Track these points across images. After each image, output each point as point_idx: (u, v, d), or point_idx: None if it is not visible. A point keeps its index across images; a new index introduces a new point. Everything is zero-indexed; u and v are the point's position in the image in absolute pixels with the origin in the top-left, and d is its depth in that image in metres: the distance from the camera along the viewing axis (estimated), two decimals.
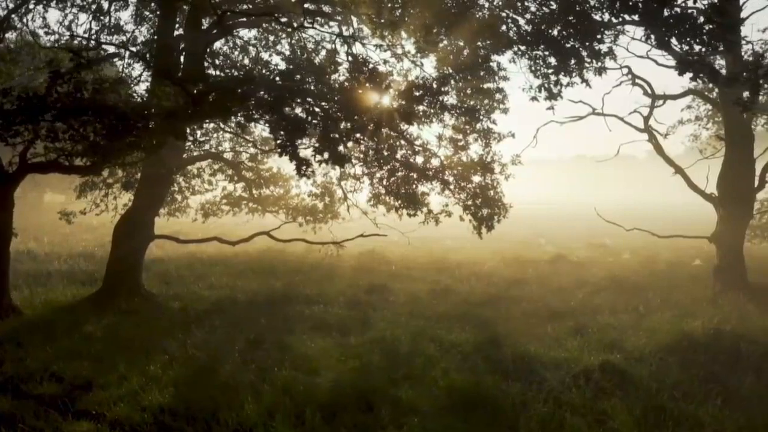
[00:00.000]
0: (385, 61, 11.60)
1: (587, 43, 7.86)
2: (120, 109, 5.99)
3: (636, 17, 6.98)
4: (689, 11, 6.61)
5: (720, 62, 14.35)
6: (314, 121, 6.63)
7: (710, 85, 13.34)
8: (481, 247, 20.85)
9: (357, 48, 13.88)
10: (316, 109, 6.98)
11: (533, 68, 8.98)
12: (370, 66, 13.18)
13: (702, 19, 6.64)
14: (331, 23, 14.46)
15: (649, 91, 13.71)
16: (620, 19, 7.05)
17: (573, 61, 7.97)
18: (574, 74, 8.22)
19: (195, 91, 5.55)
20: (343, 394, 6.16)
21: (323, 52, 14.89)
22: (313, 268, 16.25)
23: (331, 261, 17.24)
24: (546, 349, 7.85)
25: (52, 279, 13.34)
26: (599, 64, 8.10)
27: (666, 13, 6.60)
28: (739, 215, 12.34)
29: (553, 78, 8.58)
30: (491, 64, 12.12)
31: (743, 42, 13.56)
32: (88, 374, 6.96)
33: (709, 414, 5.55)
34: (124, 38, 13.62)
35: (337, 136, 6.78)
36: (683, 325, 8.09)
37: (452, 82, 12.07)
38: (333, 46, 14.58)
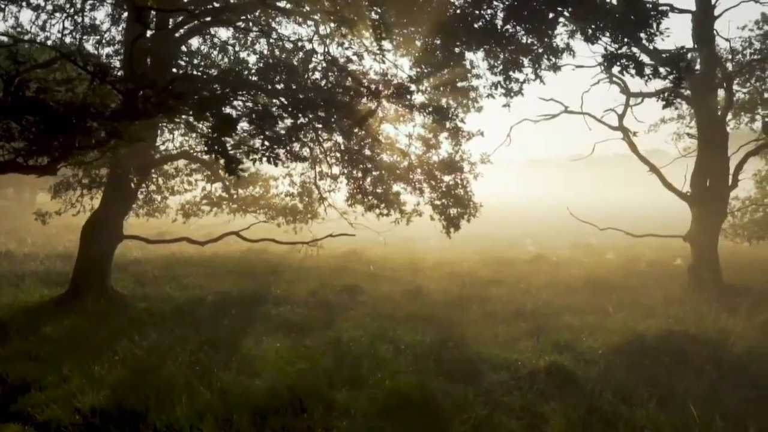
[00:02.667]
0: (355, 58, 11.50)
1: (543, 39, 7.75)
2: (54, 108, 5.93)
3: (569, 10, 6.87)
4: (607, 4, 6.49)
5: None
6: (254, 118, 6.56)
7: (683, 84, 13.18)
8: (465, 247, 20.79)
9: (339, 49, 13.88)
10: (258, 107, 6.92)
11: (489, 65, 8.88)
12: (340, 64, 13.20)
13: (622, 11, 6.52)
14: (309, 22, 14.45)
15: (627, 89, 13.60)
16: (555, 13, 6.95)
17: (527, 58, 7.85)
18: (526, 70, 8.09)
19: (125, 90, 5.49)
20: (280, 397, 6.09)
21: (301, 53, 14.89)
22: (290, 268, 16.20)
23: (310, 261, 17.20)
24: (499, 351, 7.75)
25: (26, 280, 13.33)
26: (554, 60, 7.99)
27: (592, 6, 6.49)
28: (713, 214, 12.20)
29: (504, 75, 8.45)
30: (464, 62, 12.06)
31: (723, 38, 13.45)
32: (31, 376, 6.91)
33: (644, 417, 5.44)
34: (98, 38, 13.62)
35: (277, 134, 6.72)
36: (638, 327, 7.97)
37: (424, 80, 12.04)
38: (311, 45, 14.57)
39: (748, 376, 6.29)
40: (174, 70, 12.83)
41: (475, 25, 7.51)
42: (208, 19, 11.34)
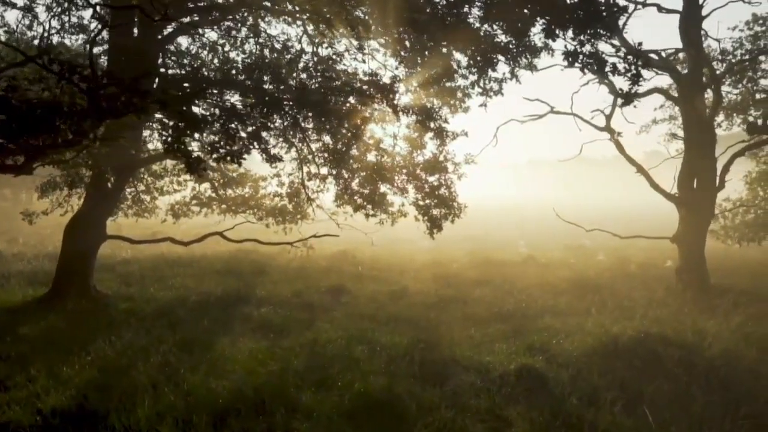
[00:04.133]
0: (336, 57, 11.46)
1: (521, 38, 7.67)
2: (17, 107, 5.88)
3: (536, 8, 6.78)
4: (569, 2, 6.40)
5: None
6: (218, 117, 6.50)
7: (673, 84, 13.12)
8: (457, 248, 20.72)
9: (328, 49, 13.85)
10: (228, 104, 6.85)
11: (467, 63, 8.78)
12: (327, 64, 13.15)
13: (577, 7, 6.42)
14: (298, 23, 14.42)
15: (615, 90, 13.50)
16: (526, 11, 6.86)
17: (503, 57, 7.77)
18: (502, 69, 8.00)
19: (87, 88, 5.44)
20: (244, 398, 6.03)
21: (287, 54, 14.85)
22: (278, 269, 16.16)
23: (299, 262, 17.17)
24: (473, 353, 7.68)
25: (11, 280, 13.30)
26: (531, 59, 7.90)
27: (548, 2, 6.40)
28: (700, 216, 12.08)
29: (480, 74, 8.37)
30: (451, 61, 12.00)
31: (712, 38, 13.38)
32: (0, 376, 6.87)
33: (609, 421, 5.36)
34: (86, 37, 13.60)
35: (250, 134, 6.65)
36: (614, 329, 7.88)
37: (411, 80, 11.99)
38: (300, 45, 14.54)
39: (719, 379, 6.20)
40: (163, 70, 12.85)
41: (447, 22, 7.42)
42: (188, 19, 11.28)
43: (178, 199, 17.56)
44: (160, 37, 11.84)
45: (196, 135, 6.52)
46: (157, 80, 11.64)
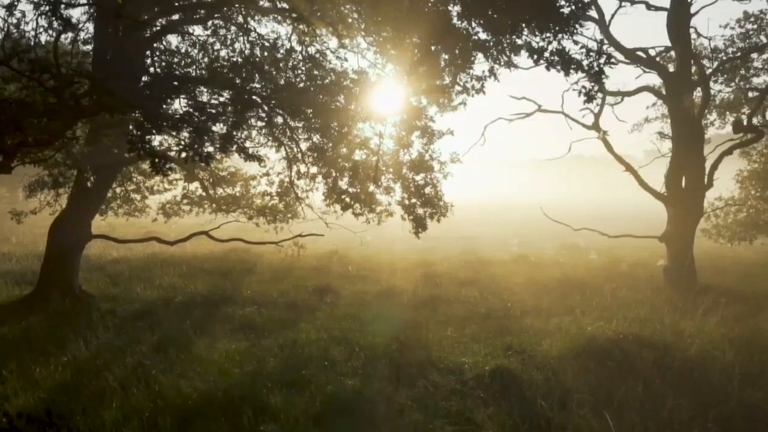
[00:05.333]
0: (319, 56, 11.40)
1: (501, 36, 7.59)
2: None
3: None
4: None
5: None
6: (193, 117, 6.45)
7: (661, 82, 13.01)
8: (451, 248, 20.65)
9: (314, 47, 13.80)
10: (204, 99, 6.79)
11: (445, 61, 8.70)
12: (315, 62, 13.08)
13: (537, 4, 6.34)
14: (287, 21, 14.35)
15: (603, 88, 13.39)
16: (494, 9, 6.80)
17: (481, 55, 7.70)
18: (481, 67, 7.95)
19: (51, 87, 5.39)
20: (213, 400, 5.98)
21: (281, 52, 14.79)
22: (269, 268, 16.12)
23: (290, 262, 17.11)
24: (451, 354, 7.62)
25: None
26: (510, 57, 7.80)
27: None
28: (688, 215, 11.99)
29: (458, 71, 8.29)
30: (440, 61, 11.93)
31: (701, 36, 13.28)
32: None
33: (576, 424, 5.30)
34: (73, 36, 13.53)
35: (227, 132, 6.60)
36: (595, 330, 7.80)
37: (400, 78, 11.93)
38: (290, 44, 14.48)
39: (692, 381, 6.12)
40: (151, 69, 12.79)
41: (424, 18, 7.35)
42: (176, 17, 11.22)
43: (169, 198, 17.55)
44: (148, 35, 11.76)
45: (175, 134, 6.47)
46: (145, 78, 11.62)
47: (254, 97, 10.55)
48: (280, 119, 10.94)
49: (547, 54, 6.63)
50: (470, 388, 6.38)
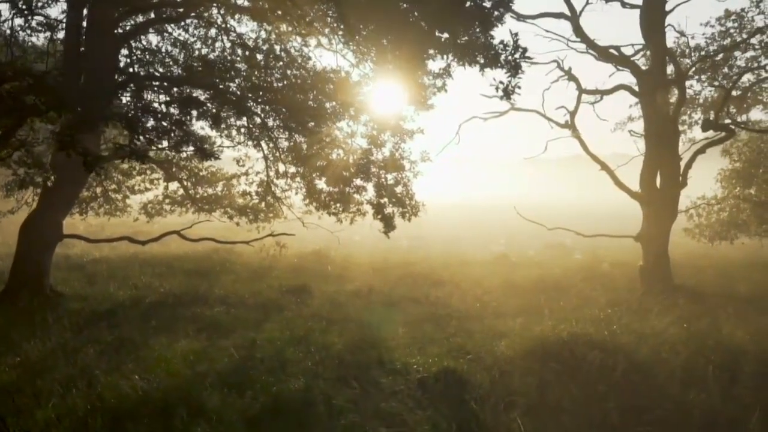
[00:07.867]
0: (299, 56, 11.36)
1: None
2: None
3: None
4: None
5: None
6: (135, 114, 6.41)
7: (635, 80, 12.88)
8: (434, 248, 20.57)
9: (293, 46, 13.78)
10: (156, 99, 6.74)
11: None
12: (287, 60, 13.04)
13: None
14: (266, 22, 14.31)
15: (580, 87, 13.31)
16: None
17: (435, 51, 7.60)
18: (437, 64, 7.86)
19: None
20: (150, 401, 5.94)
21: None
22: (248, 268, 16.08)
23: (271, 262, 17.09)
24: (403, 355, 7.55)
25: None
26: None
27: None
28: (663, 214, 11.86)
29: (414, 70, 8.23)
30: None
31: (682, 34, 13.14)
32: None
33: (512, 427, 5.23)
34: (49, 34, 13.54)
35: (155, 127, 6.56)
36: (547, 331, 7.70)
37: (376, 77, 11.89)
38: (270, 44, 14.45)
39: (635, 383, 6.02)
40: (130, 69, 12.78)
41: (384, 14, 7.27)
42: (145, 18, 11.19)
43: (150, 198, 17.57)
44: (120, 33, 11.73)
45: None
46: (123, 77, 11.59)
47: (229, 95, 10.55)
48: (258, 119, 10.90)
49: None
50: (413, 389, 6.31)
